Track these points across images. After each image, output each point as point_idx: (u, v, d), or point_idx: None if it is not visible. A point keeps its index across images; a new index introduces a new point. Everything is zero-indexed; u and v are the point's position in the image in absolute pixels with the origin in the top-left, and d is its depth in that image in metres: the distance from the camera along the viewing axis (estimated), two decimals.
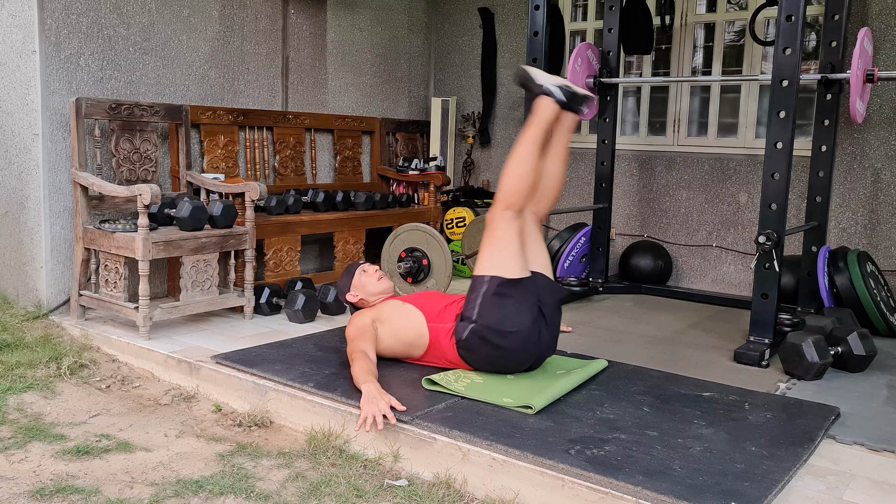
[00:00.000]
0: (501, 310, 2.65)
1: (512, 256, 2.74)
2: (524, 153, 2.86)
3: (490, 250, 2.77)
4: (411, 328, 2.84)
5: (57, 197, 3.61)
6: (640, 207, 5.02)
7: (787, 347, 3.00)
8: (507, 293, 2.67)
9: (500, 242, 2.76)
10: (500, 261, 2.73)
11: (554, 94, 2.93)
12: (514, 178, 2.82)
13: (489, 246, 2.79)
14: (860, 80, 3.43)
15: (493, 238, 2.78)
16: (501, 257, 2.74)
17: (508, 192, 2.80)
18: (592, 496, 1.99)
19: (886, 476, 2.17)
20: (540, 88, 2.95)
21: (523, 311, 2.67)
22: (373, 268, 3.13)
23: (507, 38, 5.53)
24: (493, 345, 2.66)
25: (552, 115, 2.93)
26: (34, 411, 2.75)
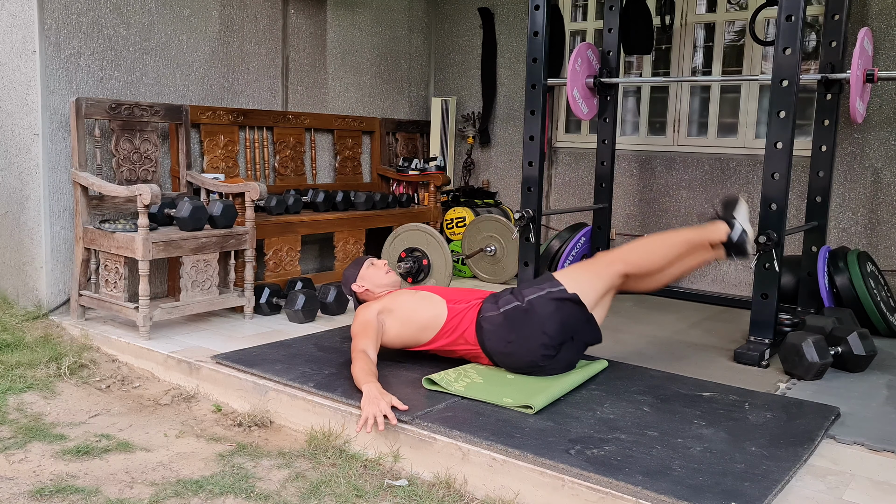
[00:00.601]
0: (551, 313, 2.72)
1: (594, 294, 2.81)
2: (671, 244, 2.93)
3: (584, 276, 2.84)
4: (427, 310, 2.87)
5: (57, 197, 3.61)
6: (640, 207, 5.02)
7: (787, 347, 3.00)
8: (566, 309, 2.74)
9: (596, 281, 2.83)
10: (585, 287, 2.79)
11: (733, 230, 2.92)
12: (652, 257, 2.91)
13: (587, 273, 2.86)
14: (860, 80, 3.43)
15: (594, 272, 2.86)
16: (588, 287, 2.80)
17: (638, 262, 2.90)
18: (592, 496, 1.99)
19: (886, 476, 2.17)
20: (729, 217, 2.95)
21: (567, 331, 2.75)
22: (381, 262, 3.13)
23: (507, 38, 5.53)
24: (520, 333, 2.72)
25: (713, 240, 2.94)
26: (34, 411, 2.75)
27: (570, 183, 5.32)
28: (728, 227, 2.92)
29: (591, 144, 5.03)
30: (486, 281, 4.84)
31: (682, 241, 2.95)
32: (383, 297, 2.97)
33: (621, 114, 4.97)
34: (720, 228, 2.94)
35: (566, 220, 5.20)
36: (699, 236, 2.95)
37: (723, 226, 2.94)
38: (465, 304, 2.87)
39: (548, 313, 2.71)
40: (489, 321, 2.78)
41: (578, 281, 2.81)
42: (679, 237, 2.96)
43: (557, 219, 5.35)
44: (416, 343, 2.91)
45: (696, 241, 2.95)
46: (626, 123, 5.24)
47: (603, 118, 4.45)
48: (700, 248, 2.96)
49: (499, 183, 5.65)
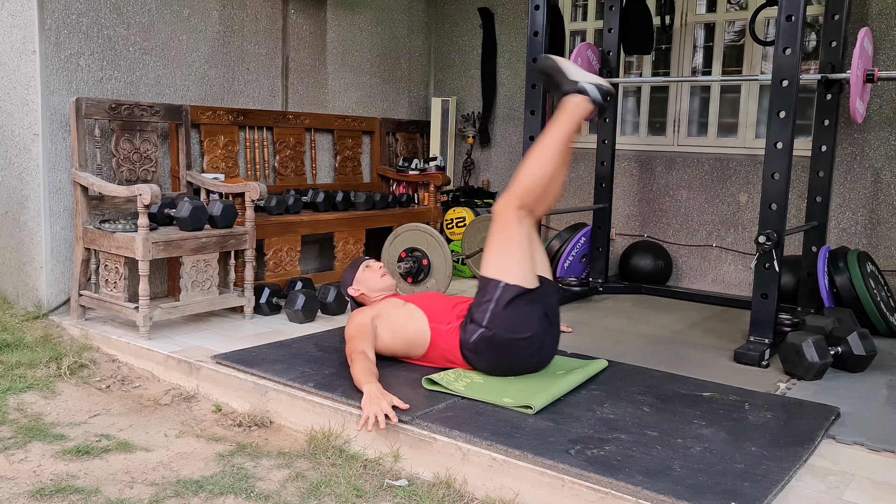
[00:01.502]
0: (513, 318, 2.63)
1: (525, 262, 2.67)
2: (550, 152, 2.72)
3: (503, 251, 2.68)
4: (412, 327, 2.83)
5: (57, 197, 3.61)
6: (640, 207, 5.02)
7: (787, 347, 3.00)
8: (521, 303, 2.64)
9: (514, 244, 2.67)
10: (516, 266, 2.65)
11: (590, 94, 2.75)
12: (536, 177, 2.70)
13: (503, 246, 2.69)
14: (860, 80, 3.43)
15: (506, 237, 2.68)
16: (516, 262, 2.66)
17: (528, 190, 2.70)
18: (592, 496, 1.99)
19: (886, 476, 2.17)
20: (574, 85, 2.77)
21: (534, 319, 2.66)
22: (377, 264, 3.13)
23: (507, 38, 5.53)
24: (502, 350, 2.66)
25: (583, 115, 2.77)
26: (34, 411, 2.75)
27: (570, 183, 5.32)
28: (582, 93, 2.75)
29: (591, 144, 5.03)
30: None
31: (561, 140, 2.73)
32: (377, 304, 2.97)
33: (621, 114, 4.97)
34: (580, 102, 2.76)
35: (566, 220, 5.20)
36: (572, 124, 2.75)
37: (577, 98, 2.76)
38: (446, 326, 2.78)
39: (512, 319, 2.63)
40: (470, 350, 2.71)
41: (502, 262, 2.66)
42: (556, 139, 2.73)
43: (557, 219, 5.35)
44: (407, 356, 2.91)
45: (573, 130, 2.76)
46: (626, 123, 5.24)
47: (603, 118, 4.45)
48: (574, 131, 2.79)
49: (499, 183, 5.65)
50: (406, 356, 2.91)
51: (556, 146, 2.73)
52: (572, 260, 4.62)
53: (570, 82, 2.78)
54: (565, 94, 2.79)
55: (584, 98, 2.76)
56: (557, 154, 2.73)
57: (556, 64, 2.82)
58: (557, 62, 2.83)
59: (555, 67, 2.82)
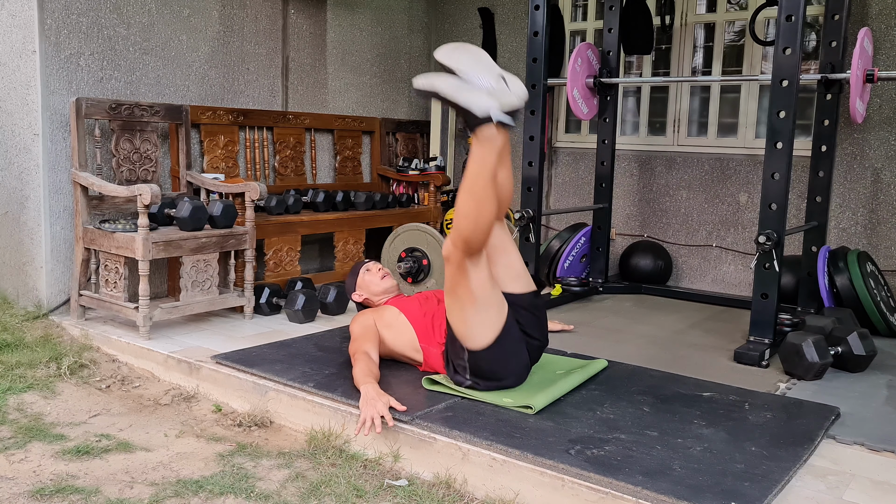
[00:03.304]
0: (493, 368, 2.55)
1: (490, 311, 2.45)
2: (482, 196, 2.32)
3: (468, 310, 2.43)
4: (407, 342, 2.83)
5: (57, 197, 3.61)
6: (640, 207, 5.02)
7: (787, 347, 3.00)
8: (495, 356, 2.51)
9: (478, 300, 2.42)
10: (481, 324, 2.45)
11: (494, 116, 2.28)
12: (475, 226, 2.32)
13: (466, 305, 2.43)
14: (860, 80, 3.43)
15: (467, 293, 2.41)
16: (481, 320, 2.45)
17: (470, 240, 2.33)
18: (592, 496, 1.99)
19: (886, 476, 2.17)
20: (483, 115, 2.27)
21: (514, 353, 2.56)
22: (376, 266, 3.13)
23: (507, 38, 5.53)
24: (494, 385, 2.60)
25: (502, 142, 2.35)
26: (34, 411, 2.75)
27: (570, 183, 5.32)
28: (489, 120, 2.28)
29: (591, 144, 5.03)
30: None
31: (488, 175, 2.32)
32: (379, 309, 2.96)
33: (621, 114, 4.97)
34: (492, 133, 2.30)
35: (566, 220, 5.20)
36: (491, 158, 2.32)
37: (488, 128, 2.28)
38: (434, 350, 2.74)
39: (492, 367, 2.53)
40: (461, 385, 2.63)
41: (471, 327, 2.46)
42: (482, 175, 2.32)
43: (557, 219, 5.34)
44: (409, 362, 2.90)
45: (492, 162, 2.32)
46: (626, 123, 5.24)
47: (603, 118, 4.45)
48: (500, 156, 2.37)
49: None
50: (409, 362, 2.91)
51: (484, 188, 2.33)
52: (572, 260, 4.62)
53: (476, 118, 2.29)
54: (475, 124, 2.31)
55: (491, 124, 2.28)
56: (488, 195, 2.33)
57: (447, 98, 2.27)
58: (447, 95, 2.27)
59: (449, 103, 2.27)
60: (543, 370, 2.85)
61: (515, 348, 2.57)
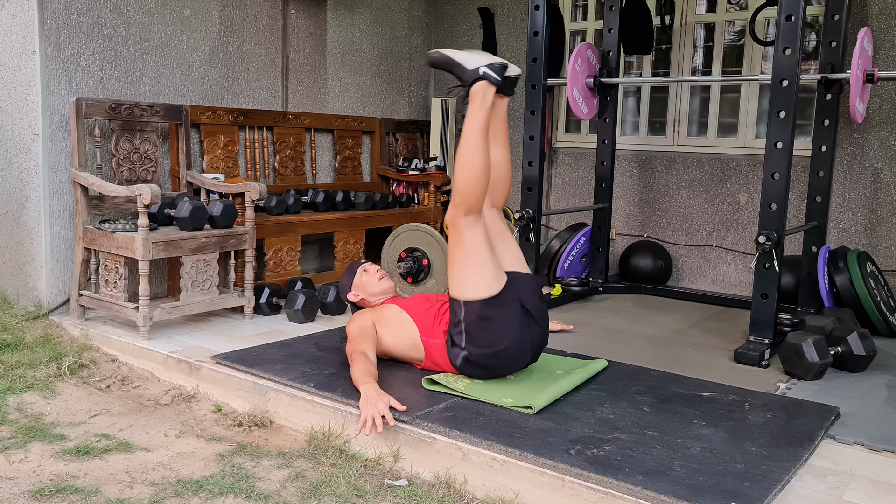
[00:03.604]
0: (489, 331, 2.58)
1: (486, 269, 2.60)
2: (473, 148, 2.64)
3: (462, 267, 2.62)
4: (407, 340, 2.83)
5: (57, 197, 3.61)
6: (640, 207, 5.02)
7: (787, 347, 3.00)
8: (491, 314, 2.58)
9: (471, 256, 2.61)
10: (476, 279, 2.59)
11: (489, 77, 2.69)
12: (469, 178, 2.62)
13: (460, 262, 2.62)
14: (860, 80, 3.43)
15: (462, 251, 2.62)
16: (476, 275, 2.59)
17: (465, 193, 2.61)
18: (592, 496, 1.99)
19: (886, 476, 2.17)
20: (474, 74, 2.71)
21: (510, 322, 2.60)
22: (374, 267, 3.13)
23: (507, 38, 5.53)
24: (489, 365, 2.64)
25: (492, 99, 2.72)
26: (34, 411, 2.75)
27: (570, 183, 5.32)
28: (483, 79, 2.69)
29: (591, 144, 5.03)
30: None
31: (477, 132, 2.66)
32: (377, 308, 2.97)
33: (621, 114, 4.97)
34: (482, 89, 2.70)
35: (566, 220, 5.20)
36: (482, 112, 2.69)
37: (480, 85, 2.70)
38: (436, 342, 2.76)
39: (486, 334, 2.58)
40: (461, 369, 2.69)
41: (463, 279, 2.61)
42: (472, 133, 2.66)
43: (557, 219, 5.35)
44: (409, 362, 2.91)
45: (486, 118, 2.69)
46: (626, 123, 5.24)
47: (603, 118, 4.45)
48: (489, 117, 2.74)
49: None
50: (406, 360, 2.91)
51: (474, 140, 2.65)
52: (572, 260, 4.62)
53: (469, 72, 2.71)
54: (468, 83, 2.72)
55: (486, 82, 2.69)
56: (480, 148, 2.65)
57: (448, 58, 2.76)
58: (449, 55, 2.76)
59: (449, 61, 2.75)
60: (543, 370, 2.86)
61: (512, 317, 2.60)
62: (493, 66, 2.70)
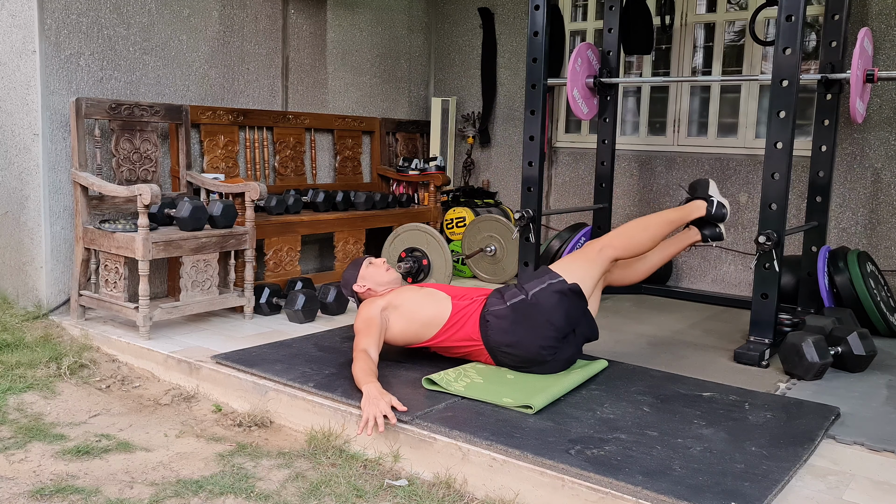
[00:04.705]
0: (553, 304, 2.76)
1: (589, 283, 2.85)
2: (658, 226, 3.03)
3: (579, 264, 2.89)
4: (432, 306, 2.87)
5: (57, 197, 3.61)
6: (640, 207, 5.02)
7: (787, 347, 3.00)
8: (568, 299, 2.77)
9: (590, 268, 2.88)
10: (580, 277, 2.83)
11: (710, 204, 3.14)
12: (638, 238, 2.99)
13: (580, 261, 2.91)
14: (860, 80, 3.43)
15: (588, 264, 2.90)
16: (584, 275, 2.85)
17: (625, 245, 2.95)
18: (592, 496, 1.99)
19: (886, 476, 2.17)
20: (704, 194, 3.18)
21: (567, 321, 2.78)
22: (380, 260, 3.13)
23: (507, 38, 5.53)
24: (527, 326, 2.75)
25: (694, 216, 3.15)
26: (34, 411, 2.75)
27: (570, 183, 5.32)
28: (706, 203, 3.15)
29: (591, 144, 5.03)
30: (486, 281, 4.84)
31: (664, 221, 3.07)
32: (387, 294, 2.96)
33: (621, 114, 4.97)
34: (699, 205, 3.16)
35: (566, 220, 5.20)
36: (681, 215, 3.14)
37: (701, 203, 3.16)
38: (469, 301, 2.88)
39: (552, 305, 2.75)
40: (495, 315, 2.79)
41: (575, 271, 2.86)
42: (662, 218, 3.08)
43: (557, 219, 5.35)
44: (418, 340, 2.90)
45: (678, 220, 3.12)
46: (626, 123, 5.24)
47: (603, 118, 4.45)
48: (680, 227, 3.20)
49: (499, 183, 5.65)
50: (417, 339, 2.90)
51: (663, 222, 3.06)
52: None
53: (706, 194, 3.20)
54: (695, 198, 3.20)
55: (705, 205, 3.16)
56: (662, 229, 3.04)
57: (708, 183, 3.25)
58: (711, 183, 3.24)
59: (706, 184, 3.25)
60: None
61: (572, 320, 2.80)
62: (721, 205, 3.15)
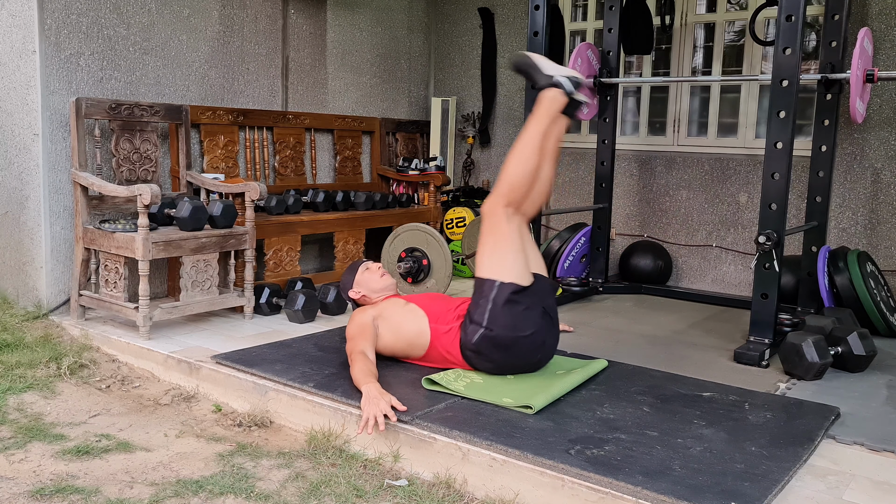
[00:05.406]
0: (513, 316, 2.63)
1: (518, 259, 2.69)
2: (530, 147, 2.78)
3: (496, 250, 2.70)
4: (413, 327, 2.83)
5: (57, 197, 3.61)
6: (640, 207, 5.02)
7: (787, 347, 3.00)
8: (518, 300, 2.65)
9: (505, 242, 2.70)
10: (509, 264, 2.67)
11: (563, 86, 2.83)
12: (519, 173, 2.74)
13: (494, 245, 2.71)
14: (860, 80, 3.43)
15: (497, 236, 2.71)
16: (509, 260, 2.68)
17: (513, 186, 2.73)
18: (592, 496, 1.99)
19: (886, 476, 2.17)
20: (549, 79, 2.85)
21: (534, 315, 2.67)
22: (376, 265, 3.13)
23: (507, 38, 5.53)
24: (505, 349, 2.66)
25: (559, 108, 2.84)
26: (34, 411, 2.75)
27: (570, 183, 5.32)
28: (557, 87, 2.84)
29: (591, 144, 5.03)
30: None
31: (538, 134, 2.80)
32: (378, 304, 2.97)
33: (621, 114, 4.97)
34: (554, 96, 2.84)
35: (566, 220, 5.20)
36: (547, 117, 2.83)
37: (552, 91, 2.85)
38: (446, 327, 2.78)
39: (510, 320, 2.63)
40: (472, 350, 2.70)
41: (497, 259, 2.68)
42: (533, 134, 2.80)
43: (557, 219, 5.35)
44: (407, 357, 2.91)
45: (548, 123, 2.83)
46: (626, 123, 5.24)
47: (603, 118, 4.45)
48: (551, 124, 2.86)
49: None
50: (406, 356, 2.91)
51: (535, 141, 2.79)
52: (572, 260, 4.62)
53: (544, 77, 2.86)
54: (541, 88, 2.87)
55: (559, 91, 2.84)
56: (537, 148, 2.78)
57: (529, 60, 2.92)
58: (530, 57, 2.91)
59: (529, 63, 2.91)
60: (543, 370, 2.86)
61: (536, 311, 2.67)
62: (571, 79, 2.82)
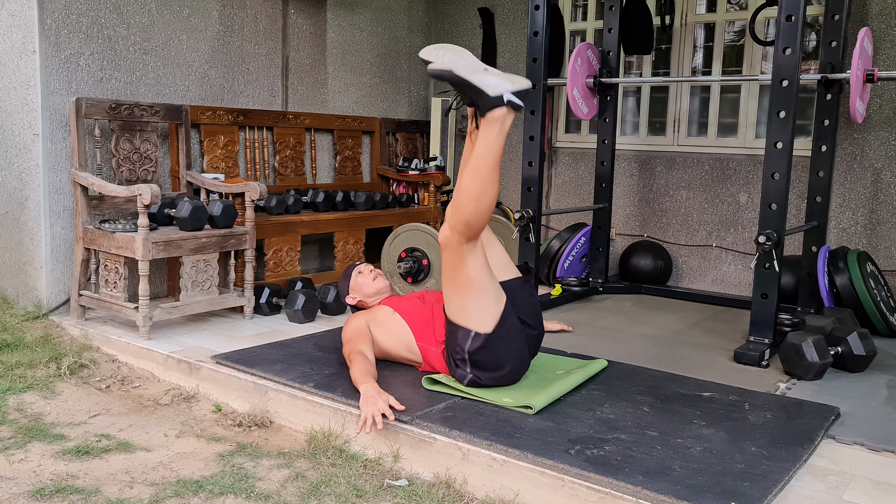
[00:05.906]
0: (494, 356, 2.56)
1: (488, 296, 2.51)
2: (489, 178, 2.42)
3: (466, 294, 2.50)
4: (402, 343, 2.83)
5: (57, 197, 3.61)
6: (640, 207, 5.02)
7: (787, 347, 3.00)
8: (495, 340, 2.53)
9: (474, 282, 2.48)
10: (481, 307, 2.50)
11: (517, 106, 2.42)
12: (481, 208, 2.42)
13: (464, 288, 2.49)
14: (860, 80, 3.43)
15: (463, 277, 2.48)
16: (480, 302, 2.50)
17: (472, 224, 2.41)
18: (592, 496, 1.99)
19: (886, 476, 2.17)
20: (498, 101, 2.39)
21: (513, 342, 2.59)
22: (367, 267, 3.13)
23: (507, 38, 5.53)
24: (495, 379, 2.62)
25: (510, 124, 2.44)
26: (34, 411, 2.75)
27: (570, 183, 5.32)
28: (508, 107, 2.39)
29: (591, 144, 5.03)
30: None
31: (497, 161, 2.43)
32: (371, 310, 2.97)
33: (621, 114, 4.97)
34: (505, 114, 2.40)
35: (566, 220, 5.20)
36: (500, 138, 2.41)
37: (501, 111, 2.39)
38: (432, 349, 2.75)
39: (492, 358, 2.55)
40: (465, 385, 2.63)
41: (468, 309, 2.51)
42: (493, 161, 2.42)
43: (557, 219, 5.34)
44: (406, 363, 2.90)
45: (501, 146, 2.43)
46: (626, 123, 5.24)
47: (603, 118, 4.45)
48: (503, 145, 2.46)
49: None
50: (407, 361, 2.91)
51: (492, 170, 2.43)
52: (572, 260, 4.62)
53: (491, 99, 2.39)
54: (487, 108, 2.41)
55: (503, 106, 2.40)
56: (495, 177, 2.44)
57: (461, 78, 2.40)
58: (463, 76, 2.40)
59: (463, 83, 2.40)
60: (543, 370, 2.86)
61: (514, 336, 2.59)
62: (519, 94, 2.40)
